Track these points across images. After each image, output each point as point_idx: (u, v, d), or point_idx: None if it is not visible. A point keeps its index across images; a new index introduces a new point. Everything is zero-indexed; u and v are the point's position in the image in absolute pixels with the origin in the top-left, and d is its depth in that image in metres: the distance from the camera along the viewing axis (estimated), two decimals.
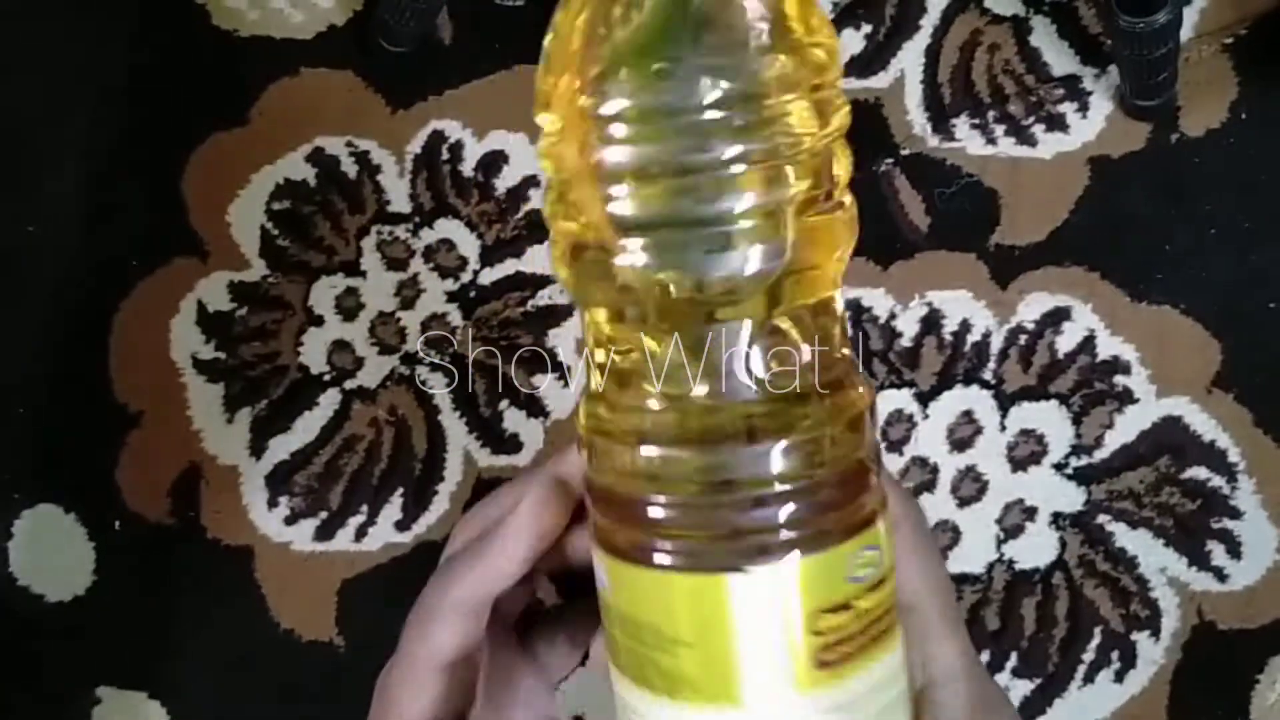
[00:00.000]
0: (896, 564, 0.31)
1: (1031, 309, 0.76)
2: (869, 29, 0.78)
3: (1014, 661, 0.75)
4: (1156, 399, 0.75)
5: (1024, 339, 0.76)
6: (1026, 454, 0.76)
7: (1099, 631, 0.75)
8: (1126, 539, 0.75)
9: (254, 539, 0.78)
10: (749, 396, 0.30)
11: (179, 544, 0.78)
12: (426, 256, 0.79)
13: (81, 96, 0.81)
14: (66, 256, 0.80)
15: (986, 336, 0.76)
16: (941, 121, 0.77)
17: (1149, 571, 0.75)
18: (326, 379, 0.79)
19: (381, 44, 0.78)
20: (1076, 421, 0.75)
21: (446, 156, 0.79)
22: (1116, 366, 0.75)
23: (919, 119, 0.77)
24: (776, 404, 0.30)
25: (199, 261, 0.79)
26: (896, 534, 0.31)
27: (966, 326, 0.76)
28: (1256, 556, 0.74)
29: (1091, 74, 0.77)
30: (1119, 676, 0.74)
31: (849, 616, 0.29)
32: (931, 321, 0.76)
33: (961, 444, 0.76)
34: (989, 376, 0.76)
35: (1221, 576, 0.74)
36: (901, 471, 0.76)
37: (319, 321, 0.79)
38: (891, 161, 0.77)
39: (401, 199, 0.79)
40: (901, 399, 0.76)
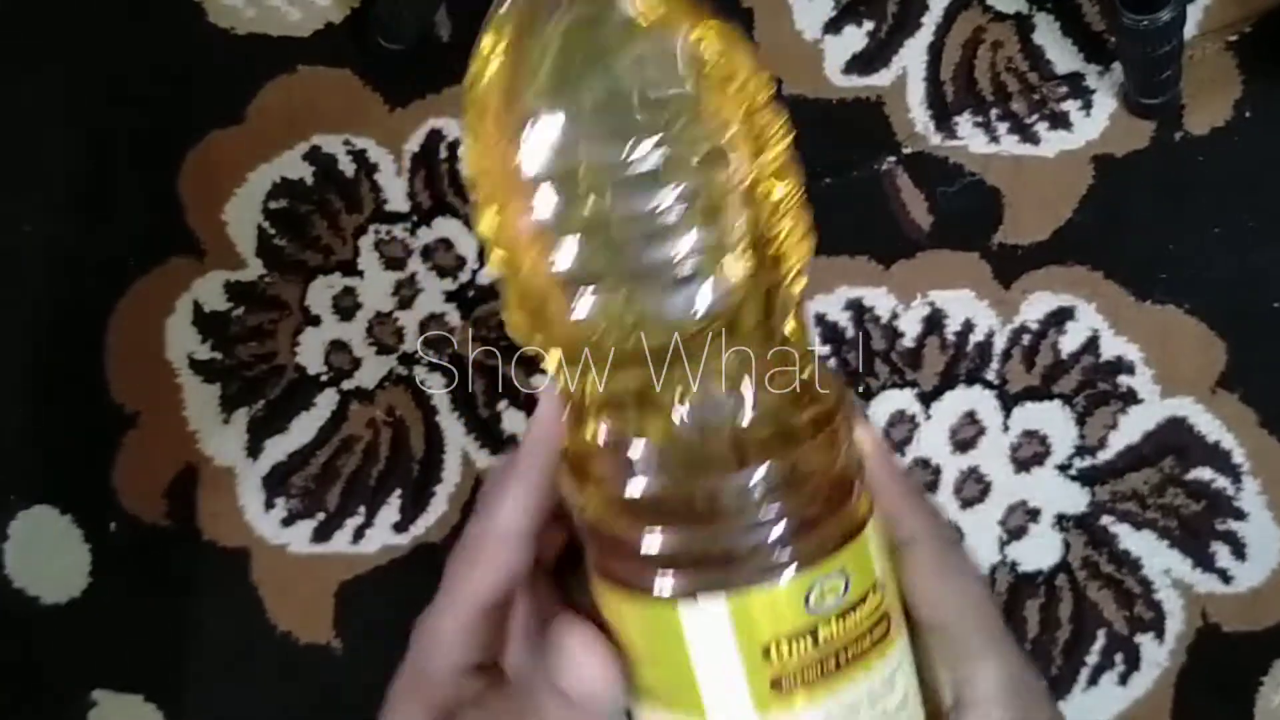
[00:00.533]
0: (918, 584, 0.31)
1: (1035, 309, 0.75)
2: (871, 26, 0.78)
3: None
4: (1161, 399, 0.75)
5: (1027, 339, 0.75)
6: (1030, 455, 0.75)
7: (1103, 634, 0.74)
8: (1130, 540, 0.74)
9: (250, 541, 0.78)
10: (717, 424, 0.29)
11: (175, 546, 0.78)
12: (425, 256, 0.78)
13: (77, 95, 0.80)
14: (62, 256, 0.80)
15: (989, 336, 0.76)
16: (944, 119, 0.77)
17: (1153, 573, 0.74)
18: (324, 379, 0.78)
19: (379, 42, 0.78)
20: (1080, 422, 0.75)
21: (444, 155, 0.79)
22: (1120, 366, 0.75)
23: (921, 117, 0.77)
24: (746, 430, 0.30)
25: (195, 261, 0.79)
26: (914, 553, 0.31)
27: (969, 326, 0.76)
28: (1261, 558, 0.74)
29: (1095, 72, 0.76)
30: (1123, 679, 0.74)
31: (807, 644, 0.29)
32: (934, 321, 0.76)
33: (964, 445, 0.76)
34: (992, 377, 0.76)
35: (1226, 578, 0.74)
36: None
37: (316, 321, 0.78)
38: (894, 160, 0.77)
39: (399, 198, 0.79)
40: (904, 399, 0.76)
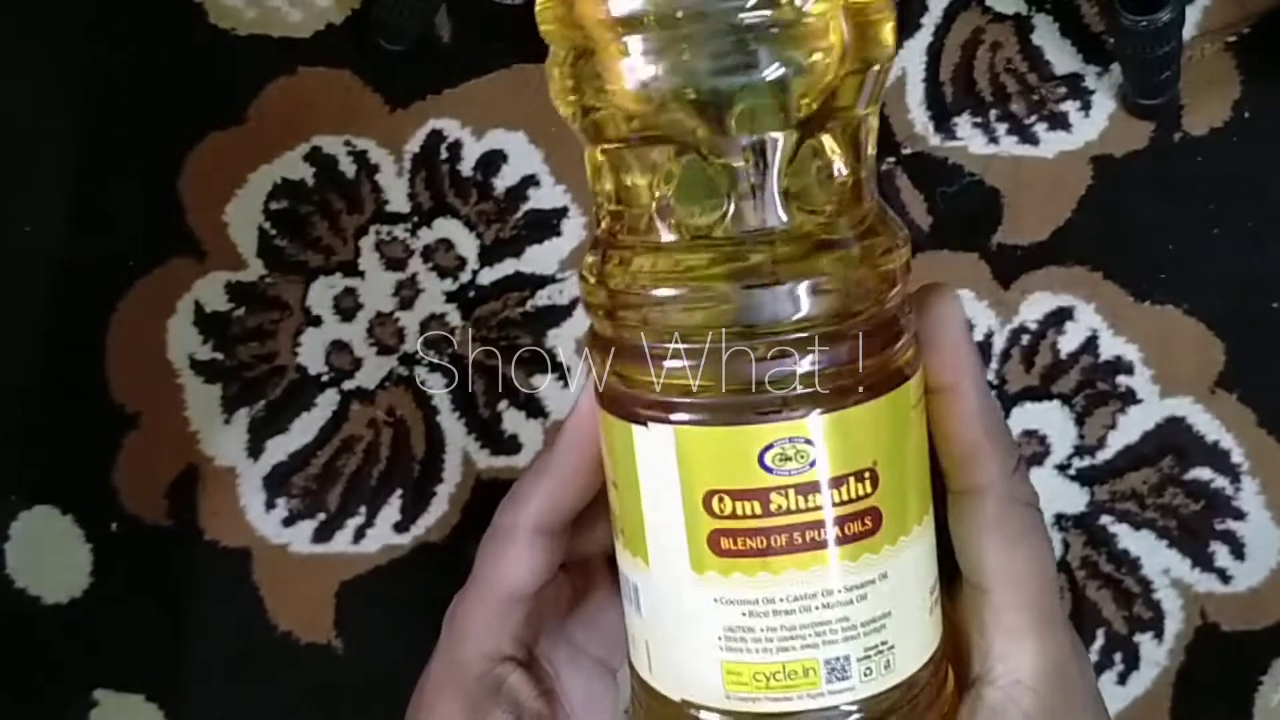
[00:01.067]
0: (970, 540, 0.28)
1: (1034, 309, 0.76)
2: None
3: None
4: (1159, 399, 0.75)
5: (1026, 339, 0.76)
6: (1029, 455, 0.75)
7: (1102, 633, 0.74)
8: (1129, 540, 0.75)
9: (252, 541, 0.78)
10: (774, 224, 0.26)
11: (176, 546, 0.78)
12: (425, 256, 0.78)
13: (77, 96, 0.81)
14: (63, 257, 0.80)
15: (989, 336, 0.76)
16: (943, 120, 0.77)
17: (1152, 573, 0.74)
18: (324, 380, 0.78)
19: (380, 43, 0.78)
20: (1079, 422, 0.75)
21: (445, 156, 0.79)
22: (1119, 367, 0.75)
23: (920, 118, 0.77)
24: (796, 237, 0.27)
25: (196, 262, 0.79)
26: (978, 504, 0.29)
27: (968, 326, 0.76)
28: (1260, 558, 0.74)
29: (1094, 72, 0.76)
30: (1122, 678, 0.74)
31: (755, 507, 0.26)
32: None
33: None
34: (991, 377, 0.76)
35: (1225, 578, 0.74)
36: None
37: (317, 322, 0.78)
38: (893, 160, 0.77)
39: (400, 198, 0.79)
40: None
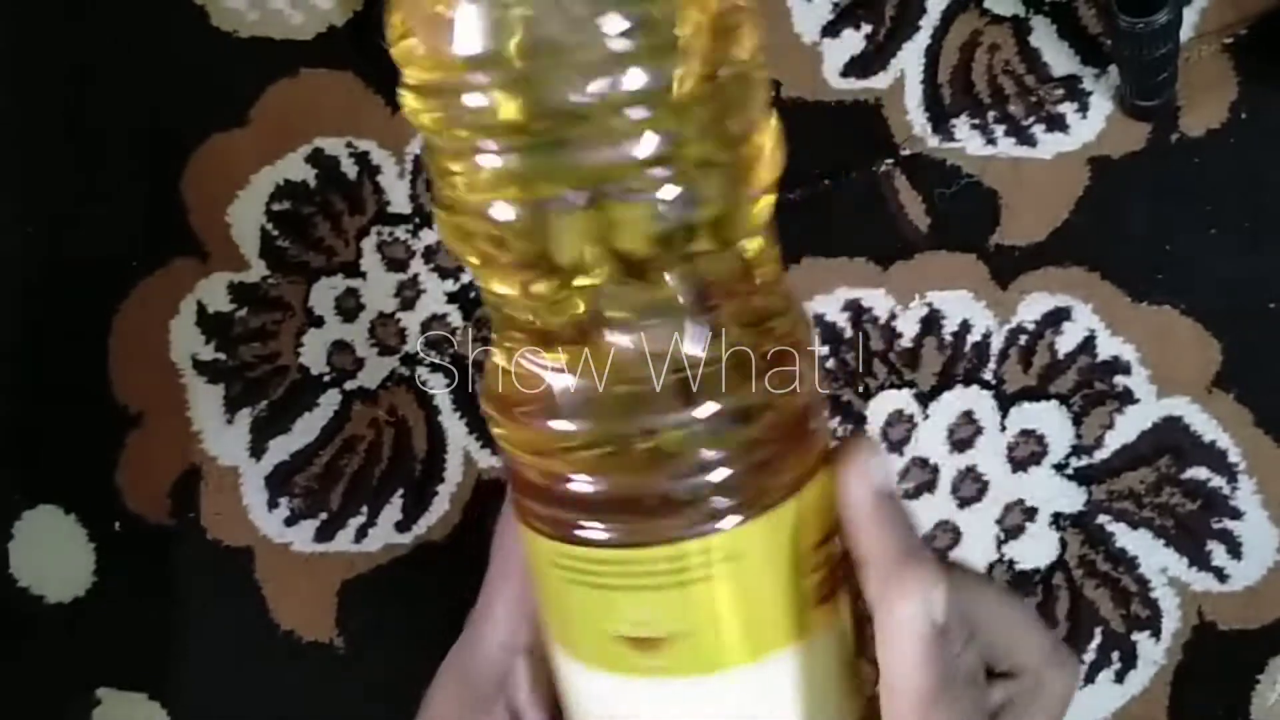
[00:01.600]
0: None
1: (1032, 309, 0.76)
2: (868, 29, 0.78)
3: None
4: (1157, 399, 0.75)
5: (1024, 339, 0.76)
6: (1027, 454, 0.76)
7: (1099, 632, 0.75)
8: (1127, 539, 0.75)
9: (254, 540, 0.78)
10: (662, 350, 0.27)
11: (179, 545, 0.78)
12: (427, 257, 0.79)
13: (79, 97, 0.81)
14: (65, 257, 0.80)
15: (987, 337, 0.76)
16: (941, 122, 0.77)
17: (1149, 572, 0.75)
18: (326, 380, 0.79)
19: (382, 45, 0.78)
20: (1077, 422, 0.75)
21: None
22: (1117, 366, 0.75)
23: (919, 119, 0.77)
24: (696, 360, 0.27)
25: (199, 262, 0.79)
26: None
27: (966, 327, 0.76)
28: (1257, 557, 0.74)
29: (1091, 74, 0.77)
30: (1119, 677, 0.74)
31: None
32: (931, 322, 0.76)
33: (962, 444, 0.76)
34: (989, 377, 0.76)
35: (1222, 577, 0.74)
36: (902, 472, 0.76)
37: (319, 322, 0.79)
38: (891, 162, 0.77)
39: (402, 200, 0.79)
40: (902, 399, 0.76)
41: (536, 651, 0.33)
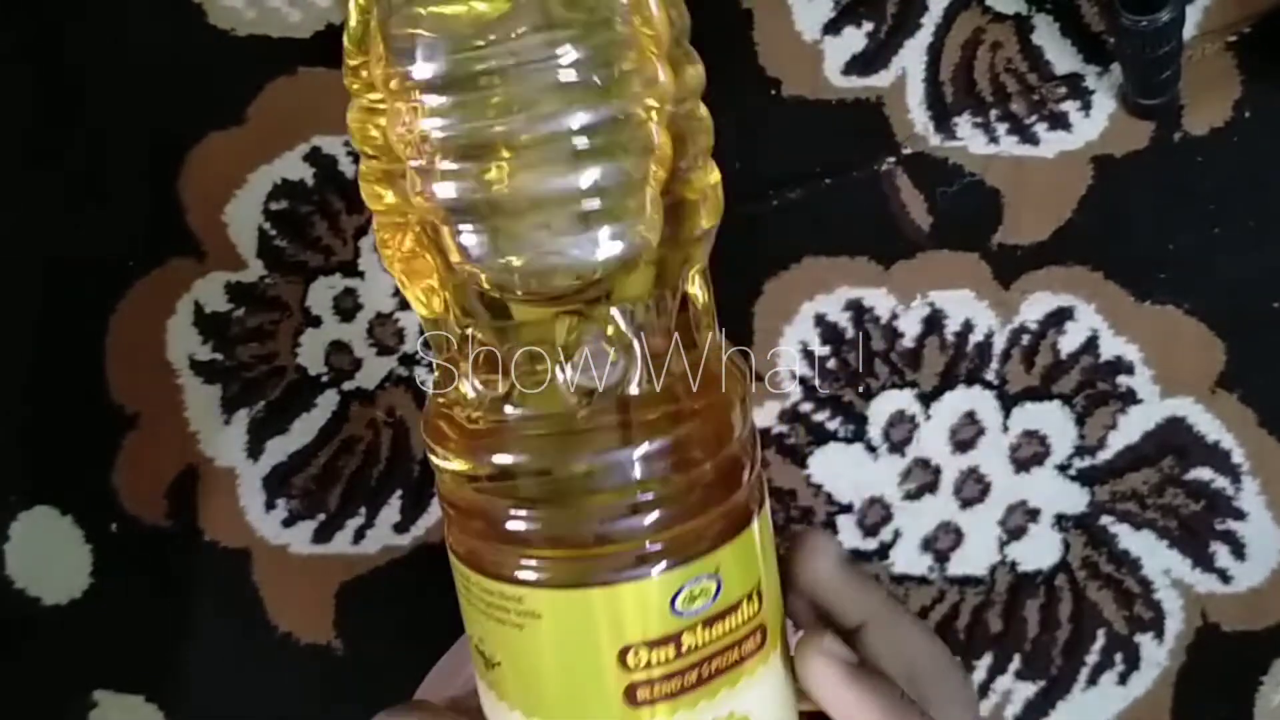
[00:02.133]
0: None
1: (1034, 309, 0.76)
2: (870, 27, 0.78)
3: (1017, 664, 0.75)
4: (1160, 399, 0.75)
5: (1027, 339, 0.75)
6: (1029, 455, 0.75)
7: (1102, 634, 0.74)
8: (1130, 540, 0.74)
9: (251, 541, 0.78)
10: (600, 390, 0.26)
11: (176, 546, 0.78)
12: None
13: (77, 96, 0.80)
14: (63, 257, 0.80)
15: (989, 337, 0.76)
16: (943, 120, 0.77)
17: (1153, 573, 0.74)
18: (324, 380, 0.78)
19: None
20: (1080, 422, 0.75)
21: None
22: (1120, 367, 0.75)
23: (921, 118, 0.77)
24: (632, 406, 0.27)
25: (196, 262, 0.79)
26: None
27: (969, 327, 0.76)
28: (1261, 558, 0.74)
29: (1094, 72, 0.76)
30: (1123, 679, 0.74)
31: (669, 653, 0.26)
32: (934, 322, 0.76)
33: (964, 445, 0.76)
34: (991, 377, 0.76)
35: (1225, 578, 0.74)
36: (904, 473, 0.76)
37: (316, 322, 0.78)
38: (893, 160, 0.77)
39: None
40: (903, 400, 0.76)
41: None
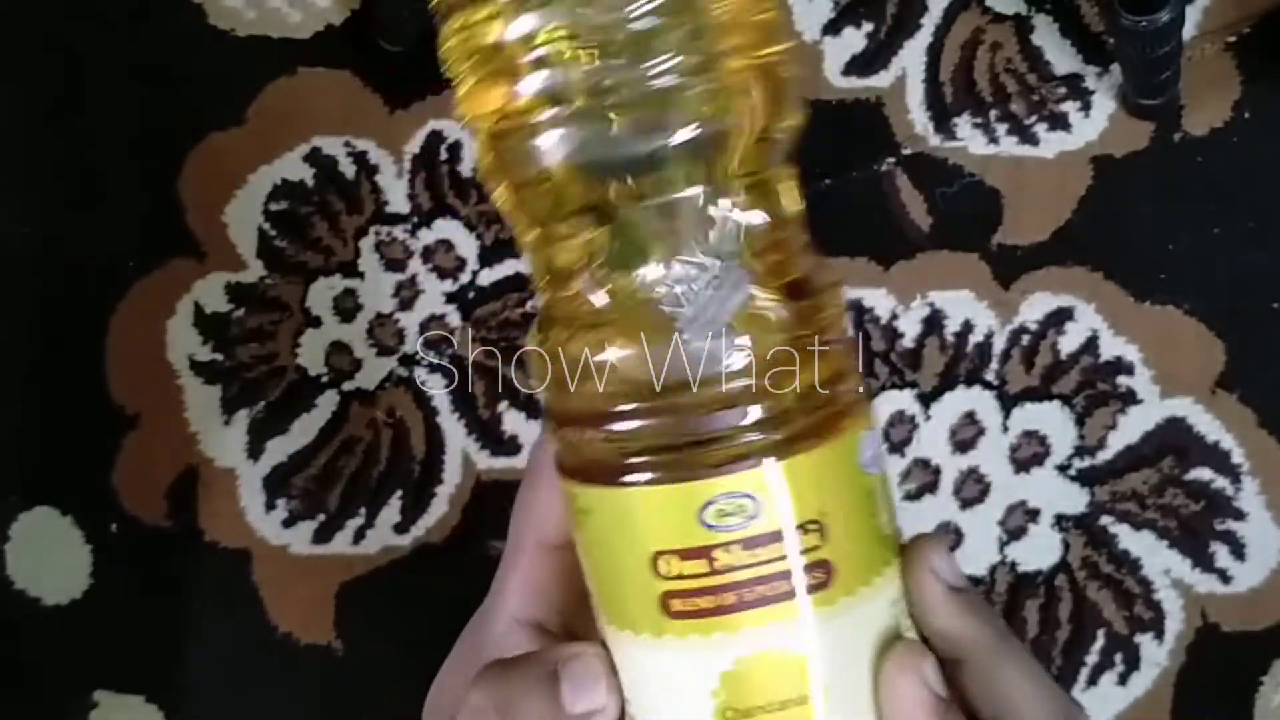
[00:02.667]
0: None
1: (1034, 309, 0.76)
2: (870, 28, 0.78)
3: None
4: (1160, 399, 0.75)
5: (1026, 339, 0.75)
6: (1029, 455, 0.75)
7: (1102, 634, 0.74)
8: (1130, 541, 0.74)
9: (252, 542, 0.78)
10: (700, 279, 0.26)
11: (176, 547, 0.78)
12: (425, 257, 0.78)
13: (77, 96, 0.80)
14: (62, 258, 0.80)
15: (989, 337, 0.76)
16: (943, 120, 0.77)
17: (1152, 573, 0.74)
18: (324, 381, 0.78)
19: (379, 43, 0.78)
20: (1079, 422, 0.75)
21: (445, 157, 0.79)
22: (1119, 367, 0.75)
23: (920, 118, 0.77)
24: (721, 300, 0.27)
25: (196, 262, 0.79)
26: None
27: (969, 327, 0.76)
28: (1260, 558, 0.74)
29: (1094, 73, 0.76)
30: (1123, 679, 0.74)
31: (701, 566, 0.26)
32: (933, 322, 0.76)
33: (964, 445, 0.76)
34: (991, 377, 0.76)
35: (1225, 578, 0.74)
36: (904, 473, 0.76)
37: (317, 323, 0.78)
38: (893, 161, 0.77)
39: (400, 199, 0.79)
40: (903, 400, 0.76)
41: (547, 626, 0.32)
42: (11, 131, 0.80)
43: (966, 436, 0.76)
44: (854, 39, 0.78)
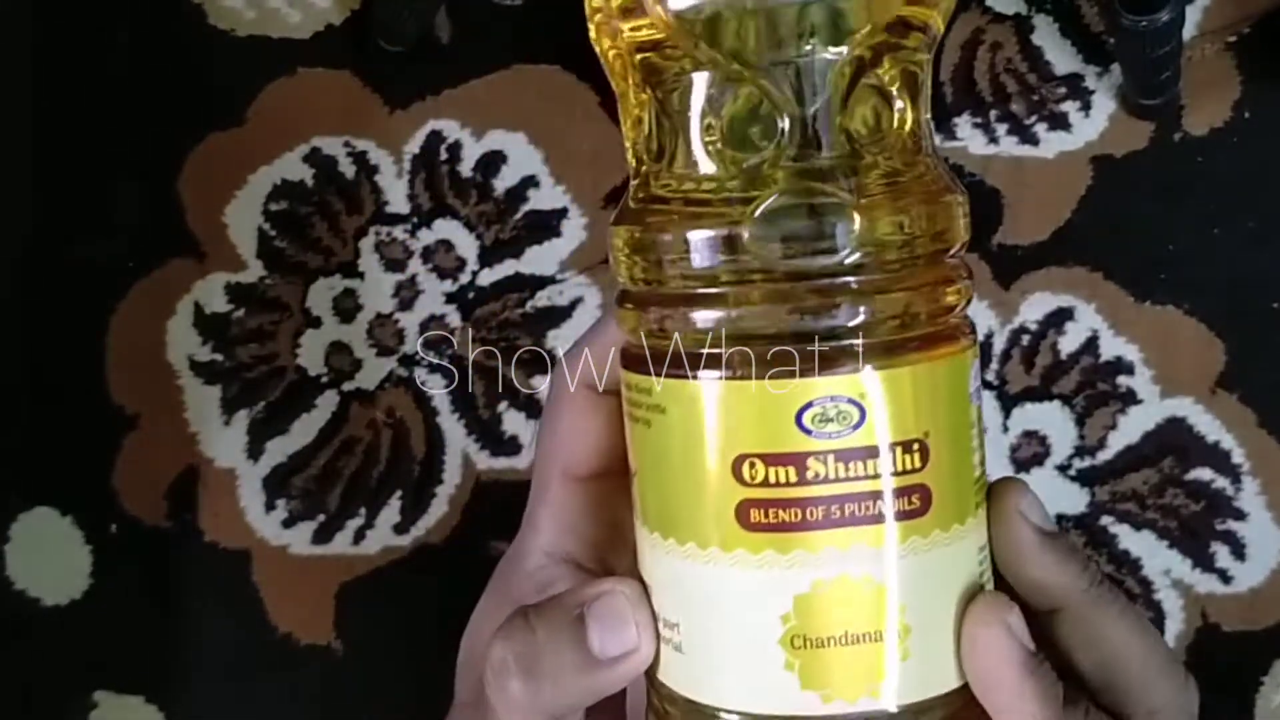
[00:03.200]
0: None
1: (1034, 309, 0.76)
2: None
3: None
4: (1160, 400, 0.75)
5: (1026, 339, 0.76)
6: (1029, 455, 0.75)
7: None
8: (1130, 541, 0.74)
9: (251, 542, 0.77)
10: (828, 160, 0.24)
11: (176, 547, 0.78)
12: (425, 257, 0.78)
13: (76, 97, 0.80)
14: (62, 258, 0.79)
15: (989, 337, 0.76)
16: (943, 121, 0.77)
17: (1153, 573, 0.74)
18: (324, 381, 0.78)
19: (379, 44, 0.78)
20: (1079, 423, 0.75)
21: (445, 157, 0.79)
22: (1120, 367, 0.75)
23: None
24: (851, 176, 0.24)
25: (196, 263, 0.79)
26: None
27: None
28: (1261, 558, 0.74)
29: (1094, 73, 0.76)
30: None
31: (792, 474, 0.24)
32: None
33: None
34: (991, 377, 0.76)
35: (1226, 578, 0.74)
36: None
37: (316, 323, 0.78)
38: None
39: (400, 199, 0.79)
40: None
41: (580, 560, 0.31)
42: (11, 132, 0.80)
43: None
44: None
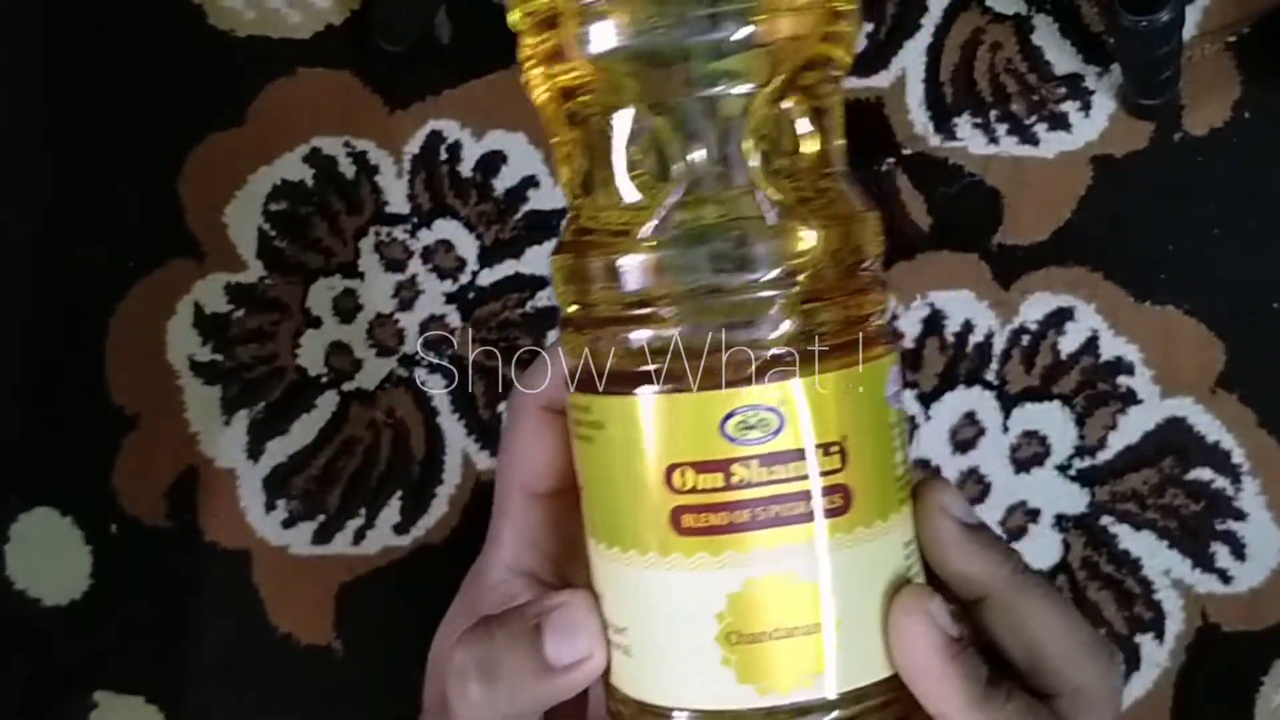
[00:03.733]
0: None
1: (1034, 309, 0.76)
2: (870, 28, 0.78)
3: None
4: (1160, 400, 0.75)
5: (1026, 339, 0.76)
6: (1029, 455, 0.75)
7: (1103, 634, 0.74)
8: (1130, 541, 0.74)
9: (251, 542, 0.78)
10: (740, 184, 0.26)
11: (176, 547, 0.78)
12: (425, 257, 0.78)
13: (76, 97, 0.80)
14: (62, 258, 0.79)
15: (989, 337, 0.76)
16: (943, 121, 0.77)
17: (1153, 574, 0.74)
18: (324, 381, 0.78)
19: (379, 44, 0.78)
20: (1080, 423, 0.75)
21: (445, 157, 0.79)
22: (1120, 367, 0.75)
23: (920, 118, 0.77)
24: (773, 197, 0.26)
25: (195, 263, 0.79)
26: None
27: (969, 327, 0.76)
28: (1261, 558, 0.74)
29: (1094, 73, 0.76)
30: (1123, 679, 0.74)
31: (719, 480, 0.25)
32: (933, 322, 0.76)
33: (964, 445, 0.76)
34: (991, 377, 0.76)
35: (1226, 579, 0.74)
36: None
37: (316, 323, 0.78)
38: (893, 161, 0.77)
39: (400, 200, 0.79)
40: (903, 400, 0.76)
41: (540, 575, 0.32)
42: (10, 132, 0.80)
43: (967, 437, 0.76)
44: None
